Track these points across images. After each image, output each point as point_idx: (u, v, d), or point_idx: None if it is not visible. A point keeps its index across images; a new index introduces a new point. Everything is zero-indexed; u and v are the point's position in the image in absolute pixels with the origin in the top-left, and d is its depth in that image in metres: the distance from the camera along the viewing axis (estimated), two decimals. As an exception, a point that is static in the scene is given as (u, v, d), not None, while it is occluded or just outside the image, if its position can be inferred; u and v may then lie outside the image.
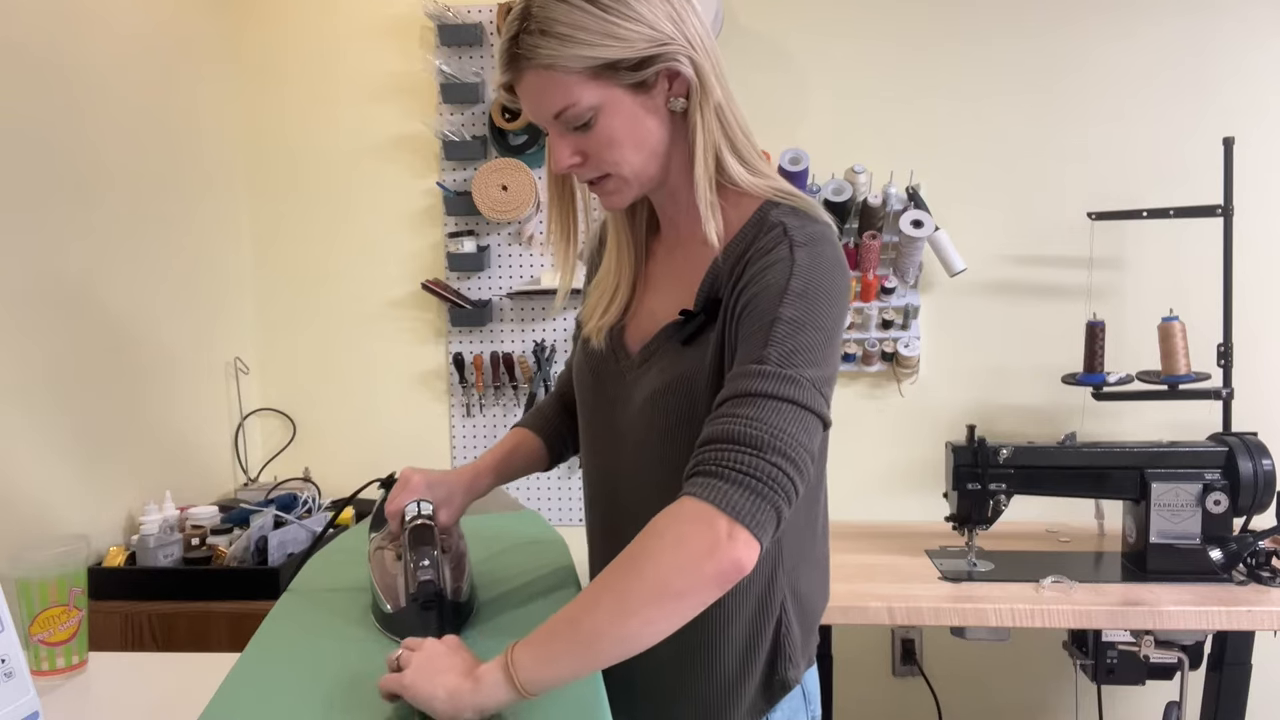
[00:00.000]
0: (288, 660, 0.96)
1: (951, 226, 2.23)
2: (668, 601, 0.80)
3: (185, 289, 2.14)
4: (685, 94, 0.95)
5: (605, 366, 1.08)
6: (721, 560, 0.79)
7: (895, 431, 2.34)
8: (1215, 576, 1.78)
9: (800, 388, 0.85)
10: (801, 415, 0.85)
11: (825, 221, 0.98)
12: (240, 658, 0.96)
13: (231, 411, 2.33)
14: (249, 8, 2.39)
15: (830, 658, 1.92)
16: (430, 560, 0.98)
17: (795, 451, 0.83)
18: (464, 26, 2.28)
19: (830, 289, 0.91)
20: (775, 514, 0.82)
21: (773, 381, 0.85)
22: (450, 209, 2.34)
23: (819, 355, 0.88)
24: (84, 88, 1.82)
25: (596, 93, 0.92)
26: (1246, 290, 2.17)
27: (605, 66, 0.91)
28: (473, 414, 2.41)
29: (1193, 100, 2.21)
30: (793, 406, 0.84)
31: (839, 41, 2.28)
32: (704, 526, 0.80)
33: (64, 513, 1.72)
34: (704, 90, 0.95)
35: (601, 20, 0.89)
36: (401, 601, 0.98)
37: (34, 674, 1.14)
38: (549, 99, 0.93)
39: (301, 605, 1.12)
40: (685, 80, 0.94)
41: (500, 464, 1.17)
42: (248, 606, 1.69)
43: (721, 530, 0.79)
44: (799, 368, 0.86)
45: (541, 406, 1.27)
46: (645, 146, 0.96)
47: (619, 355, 1.07)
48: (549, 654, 0.81)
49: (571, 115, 0.93)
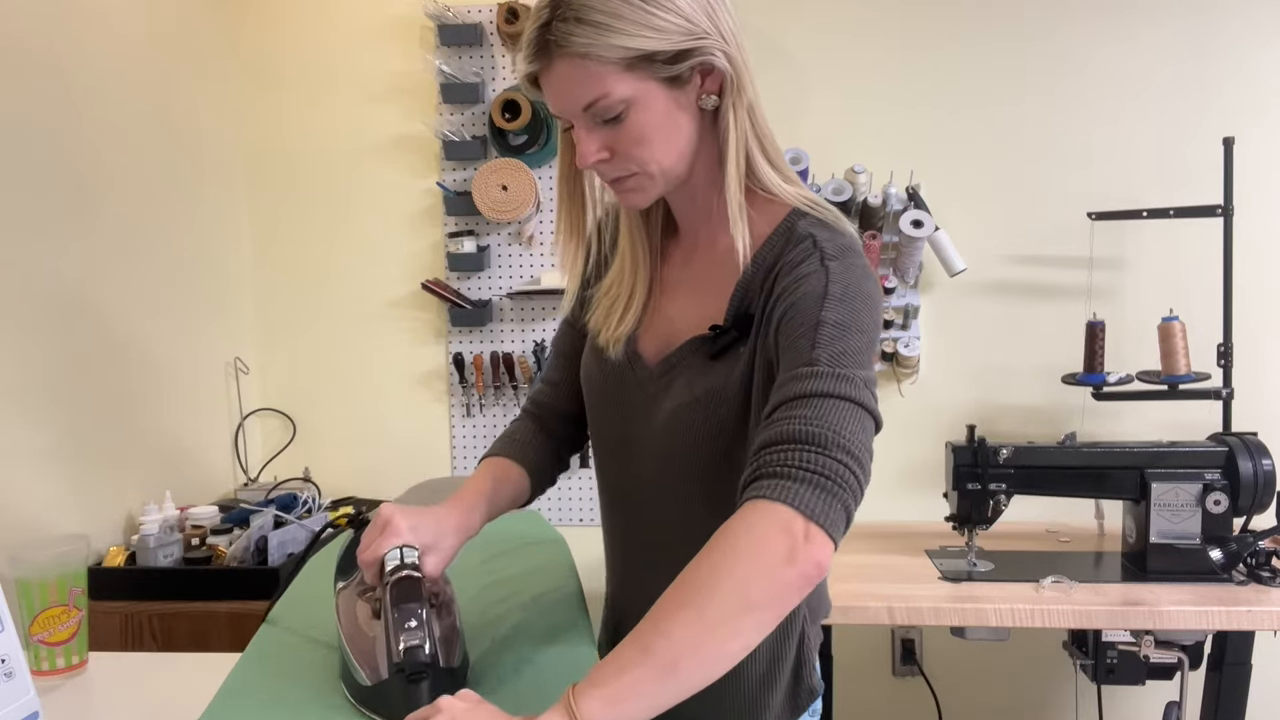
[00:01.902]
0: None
1: (951, 226, 2.23)
2: (751, 613, 0.73)
3: (185, 289, 2.14)
4: (718, 91, 0.92)
5: (622, 375, 1.04)
6: (804, 563, 0.74)
7: (895, 431, 2.34)
8: (1215, 576, 1.78)
9: (855, 386, 0.82)
10: (859, 413, 0.82)
11: (851, 233, 0.96)
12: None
13: (231, 412, 2.33)
14: (249, 8, 2.39)
15: (830, 658, 1.92)
16: (418, 621, 0.82)
17: (858, 449, 0.80)
18: (464, 26, 2.28)
19: (869, 293, 0.90)
20: (845, 512, 0.78)
21: (827, 381, 0.82)
22: (450, 209, 2.34)
23: (865, 358, 0.86)
24: (83, 88, 1.82)
25: (631, 85, 0.88)
26: (1246, 290, 2.17)
27: (641, 58, 0.87)
28: (473, 414, 2.41)
29: (1193, 100, 2.21)
30: (850, 404, 0.81)
31: (839, 41, 2.28)
32: (780, 530, 0.75)
33: (64, 513, 1.72)
34: (738, 88, 0.92)
35: (639, 9, 0.85)
36: (383, 673, 0.83)
37: (34, 674, 1.14)
38: (581, 89, 0.88)
39: (275, 649, 1.00)
40: (719, 76, 0.91)
41: (491, 497, 1.04)
42: (248, 606, 1.69)
43: (799, 532, 0.75)
44: (850, 368, 0.83)
45: (515, 434, 1.14)
46: (675, 144, 0.93)
47: (635, 364, 1.03)
48: (622, 691, 0.70)
49: (603, 107, 0.89)
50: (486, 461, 1.09)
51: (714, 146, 0.95)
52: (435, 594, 0.92)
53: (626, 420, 1.04)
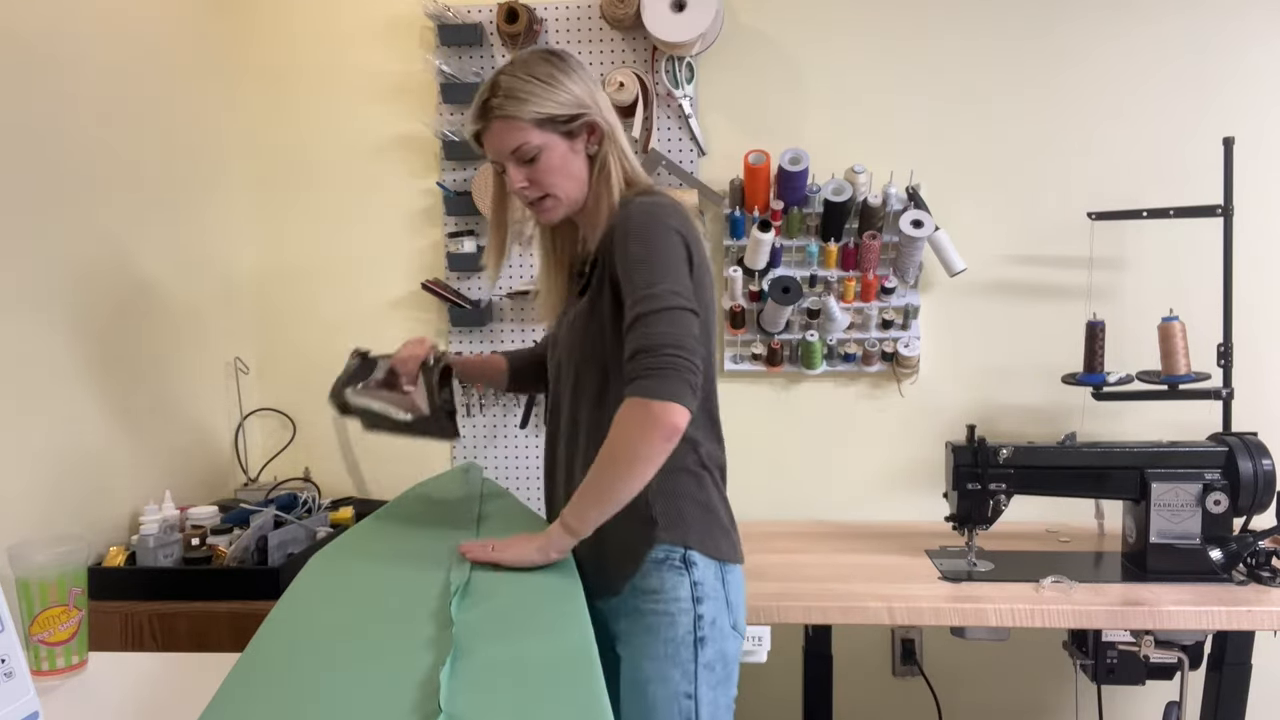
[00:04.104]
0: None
1: (951, 226, 2.23)
2: (639, 462, 1.23)
3: (185, 288, 2.14)
4: (600, 141, 1.40)
5: (556, 337, 1.50)
6: (662, 426, 1.21)
7: (895, 431, 2.34)
8: (1215, 576, 1.78)
9: (660, 298, 1.24)
10: (671, 314, 1.23)
11: (668, 199, 1.36)
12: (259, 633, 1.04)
13: (231, 411, 2.33)
14: (249, 8, 2.39)
15: (830, 658, 1.92)
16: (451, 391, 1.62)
17: (678, 339, 1.22)
18: (464, 26, 2.28)
19: (656, 225, 1.29)
20: (686, 384, 1.21)
21: (643, 303, 1.24)
22: (450, 209, 2.34)
23: (666, 270, 1.26)
24: (84, 88, 1.82)
25: (541, 137, 1.35)
26: (1246, 290, 2.17)
27: (547, 119, 1.35)
28: (472, 414, 2.42)
29: (1193, 100, 2.21)
30: (663, 312, 1.23)
31: (839, 41, 2.28)
32: (643, 411, 1.21)
33: (64, 513, 1.72)
34: (613, 138, 1.40)
35: (545, 88, 1.34)
36: (424, 409, 1.50)
37: (34, 674, 1.14)
38: (509, 140, 1.35)
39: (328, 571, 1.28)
40: (600, 131, 1.39)
41: (479, 364, 1.73)
42: (248, 606, 1.68)
43: (655, 409, 1.20)
44: (654, 284, 1.25)
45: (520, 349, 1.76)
46: (573, 176, 1.39)
47: (559, 334, 1.49)
48: (582, 510, 1.27)
49: (523, 152, 1.35)
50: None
51: (602, 177, 1.40)
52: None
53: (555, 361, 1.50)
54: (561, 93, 1.35)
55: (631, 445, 1.22)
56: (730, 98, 2.30)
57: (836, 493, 2.36)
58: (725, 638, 1.35)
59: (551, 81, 1.35)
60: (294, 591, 1.18)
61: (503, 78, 1.35)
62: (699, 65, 2.28)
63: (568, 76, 1.36)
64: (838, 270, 2.26)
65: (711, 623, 1.33)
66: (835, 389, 2.35)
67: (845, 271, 2.26)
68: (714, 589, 1.35)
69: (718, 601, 1.35)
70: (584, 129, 1.38)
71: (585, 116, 1.37)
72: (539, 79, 1.34)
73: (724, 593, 1.36)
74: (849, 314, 2.28)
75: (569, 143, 1.37)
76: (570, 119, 1.36)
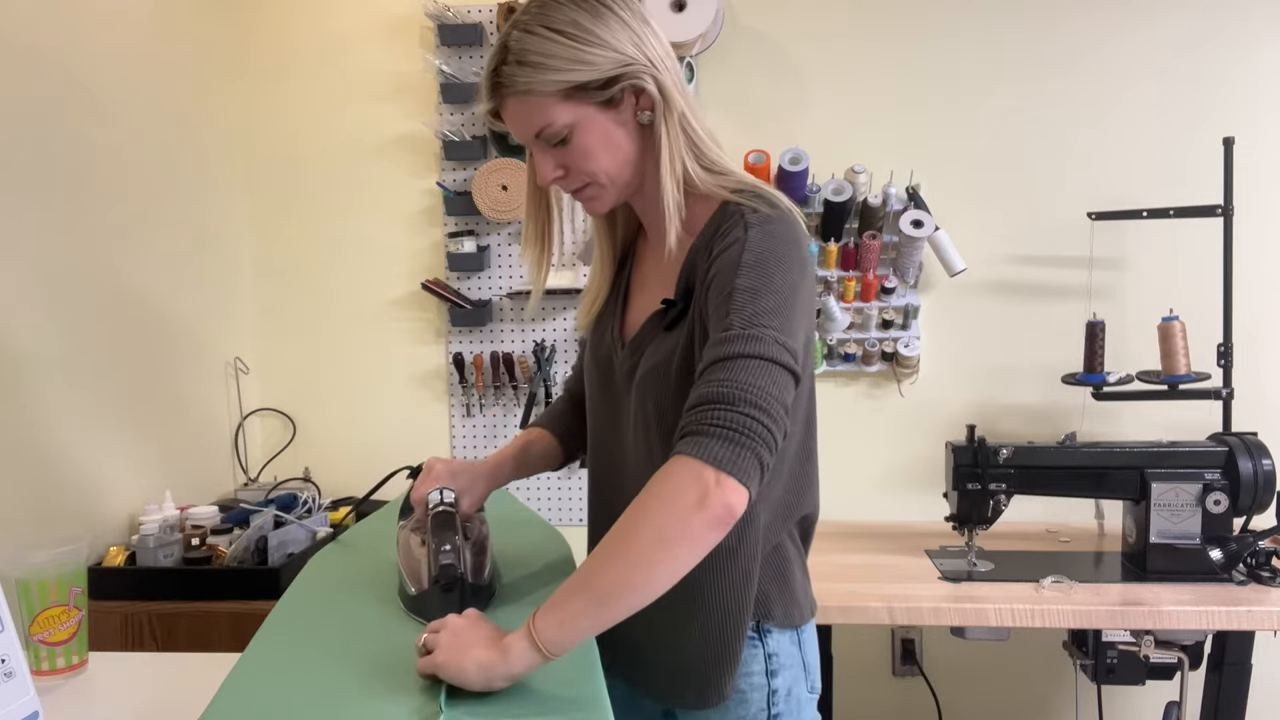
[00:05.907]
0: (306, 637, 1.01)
1: (951, 226, 2.23)
2: (666, 550, 0.87)
3: (185, 288, 2.14)
4: (651, 108, 1.06)
5: (609, 361, 1.18)
6: (714, 507, 0.87)
7: (895, 431, 2.34)
8: (1215, 576, 1.78)
9: (764, 345, 0.93)
10: (768, 369, 0.92)
11: (784, 207, 1.07)
12: (258, 635, 1.02)
13: (231, 411, 2.33)
14: (250, 8, 2.38)
15: (830, 658, 1.92)
16: (451, 545, 1.05)
17: (766, 402, 0.90)
18: (464, 26, 2.28)
19: (781, 256, 1.00)
20: (757, 460, 0.89)
21: (738, 343, 0.93)
22: (450, 209, 2.34)
23: (780, 317, 0.96)
24: (84, 88, 1.82)
25: (570, 112, 1.03)
26: (1246, 290, 2.17)
27: (576, 88, 1.02)
28: (473, 414, 2.42)
29: (1193, 100, 2.21)
30: (760, 362, 0.92)
31: (839, 41, 2.28)
32: (692, 479, 0.87)
33: (64, 513, 1.72)
34: (667, 104, 1.05)
35: (570, 48, 1.00)
36: (424, 584, 1.05)
37: (34, 674, 1.14)
38: (529, 121, 1.04)
39: (324, 582, 1.19)
40: (650, 96, 1.04)
41: (519, 456, 1.26)
42: (248, 606, 1.68)
43: (709, 480, 0.87)
44: (760, 328, 0.94)
45: (552, 408, 1.37)
46: (618, 156, 1.07)
47: (616, 351, 1.17)
48: (567, 616, 0.88)
49: (550, 134, 1.04)
50: (523, 431, 1.33)
51: (655, 155, 1.07)
52: (467, 526, 1.15)
53: (611, 398, 1.18)
54: (593, 50, 1.01)
55: (660, 521, 0.87)
56: (730, 97, 2.30)
57: (836, 493, 2.36)
58: (801, 708, 1.14)
59: (579, 35, 1.00)
60: (294, 592, 1.18)
61: (515, 36, 1.02)
62: (699, 65, 2.28)
63: (602, 24, 1.02)
64: (838, 270, 2.27)
65: (787, 694, 1.12)
66: (835, 389, 2.35)
67: (845, 271, 2.27)
68: (790, 656, 1.13)
69: (794, 670, 1.13)
70: (629, 92, 1.04)
71: (629, 78, 1.03)
72: (562, 34, 1.00)
73: (800, 656, 1.15)
74: (849, 314, 2.28)
75: (610, 113, 1.04)
76: (608, 83, 1.02)
